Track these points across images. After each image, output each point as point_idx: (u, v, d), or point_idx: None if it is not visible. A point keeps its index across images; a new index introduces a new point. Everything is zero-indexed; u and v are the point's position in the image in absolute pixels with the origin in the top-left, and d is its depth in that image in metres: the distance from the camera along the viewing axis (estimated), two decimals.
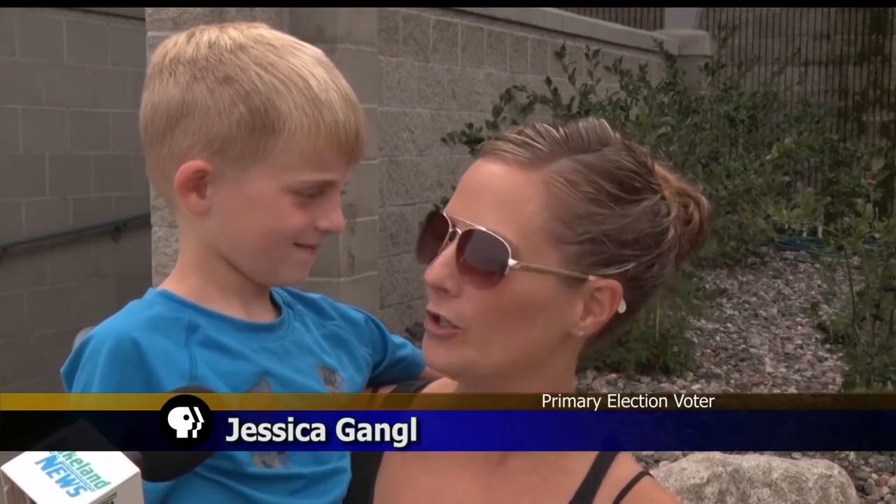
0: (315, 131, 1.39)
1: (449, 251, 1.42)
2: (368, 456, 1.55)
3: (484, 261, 1.40)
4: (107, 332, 1.36)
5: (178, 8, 4.84)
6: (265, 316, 1.48)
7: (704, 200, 1.54)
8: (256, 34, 1.43)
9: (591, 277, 1.42)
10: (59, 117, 8.44)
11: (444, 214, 1.44)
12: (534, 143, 1.43)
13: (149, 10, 4.95)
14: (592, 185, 1.41)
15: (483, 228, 1.40)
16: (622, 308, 1.45)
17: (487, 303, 1.41)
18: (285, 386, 1.43)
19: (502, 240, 1.39)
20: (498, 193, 1.41)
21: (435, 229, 1.45)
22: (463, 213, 1.43)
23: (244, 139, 1.38)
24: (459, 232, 1.42)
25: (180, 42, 1.43)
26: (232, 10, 4.87)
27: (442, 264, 1.42)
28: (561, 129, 1.45)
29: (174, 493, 1.35)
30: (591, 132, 1.45)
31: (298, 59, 1.41)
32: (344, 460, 1.50)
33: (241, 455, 1.37)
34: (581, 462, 1.51)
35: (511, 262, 1.39)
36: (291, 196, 1.40)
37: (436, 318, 1.45)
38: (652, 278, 1.47)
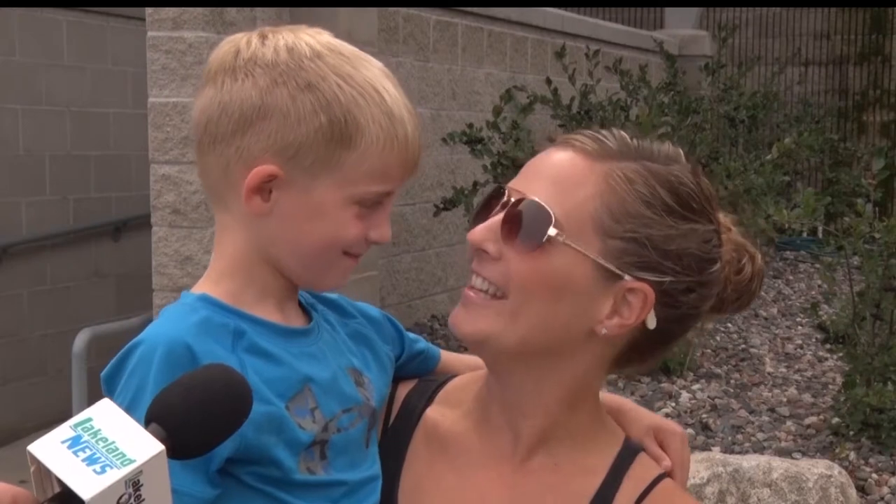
0: (389, 146, 1.40)
1: (497, 217, 1.46)
2: (393, 455, 1.57)
3: (527, 227, 1.42)
4: (157, 338, 1.35)
5: (178, 8, 4.84)
6: (299, 319, 1.48)
7: (760, 259, 1.57)
8: (326, 41, 1.43)
9: (627, 277, 1.44)
10: (59, 117, 8.44)
11: (502, 186, 1.48)
12: (605, 139, 1.47)
13: (149, 10, 4.94)
14: (650, 188, 1.44)
15: (533, 197, 1.43)
16: (651, 322, 1.46)
17: (525, 268, 1.43)
18: (326, 392, 1.43)
19: (549, 210, 1.42)
20: (557, 173, 1.45)
21: (492, 202, 1.48)
22: (520, 186, 1.47)
23: (320, 148, 1.38)
24: (512, 200, 1.45)
25: (255, 43, 1.41)
26: (232, 11, 4.87)
27: (486, 227, 1.46)
28: (635, 139, 1.49)
29: (220, 501, 1.35)
30: (663, 150, 1.50)
31: (370, 72, 1.42)
32: (376, 466, 1.51)
33: (288, 462, 1.37)
34: (602, 461, 1.52)
35: (551, 231, 1.41)
36: (354, 207, 1.40)
37: (475, 286, 1.47)
38: (688, 304, 1.48)
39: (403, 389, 1.62)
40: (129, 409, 1.30)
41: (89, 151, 8.70)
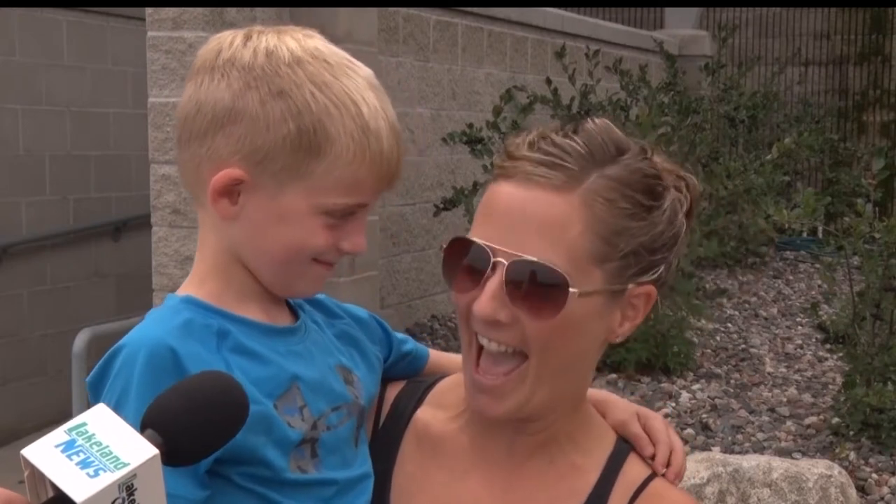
0: (359, 159, 1.38)
1: (495, 282, 1.40)
2: (384, 454, 1.56)
3: (541, 291, 1.39)
4: (140, 341, 1.35)
5: (178, 8, 4.84)
6: (284, 319, 1.48)
7: (692, 179, 1.55)
8: (313, 47, 1.41)
9: (630, 286, 1.44)
10: (59, 117, 8.44)
11: (480, 243, 1.42)
12: (563, 163, 1.41)
13: (149, 10, 4.94)
14: (628, 199, 1.42)
15: (534, 259, 1.39)
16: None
17: (544, 328, 1.41)
18: (314, 390, 1.43)
19: (559, 270, 1.38)
20: (539, 220, 1.40)
21: (466, 257, 1.43)
22: (502, 241, 1.41)
23: (287, 156, 1.36)
24: (505, 262, 1.40)
25: (237, 43, 1.41)
26: (232, 11, 4.87)
27: (491, 297, 1.41)
28: (579, 142, 1.43)
29: (210, 502, 1.34)
30: (606, 140, 1.44)
31: (352, 82, 1.40)
32: (368, 464, 1.51)
33: (278, 461, 1.37)
34: (595, 461, 1.53)
35: (572, 290, 1.39)
36: (322, 216, 1.39)
37: (491, 351, 1.44)
38: (670, 274, 1.51)
39: (393, 391, 1.62)
40: (115, 412, 1.30)
41: (89, 151, 8.70)
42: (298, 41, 1.41)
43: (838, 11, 12.77)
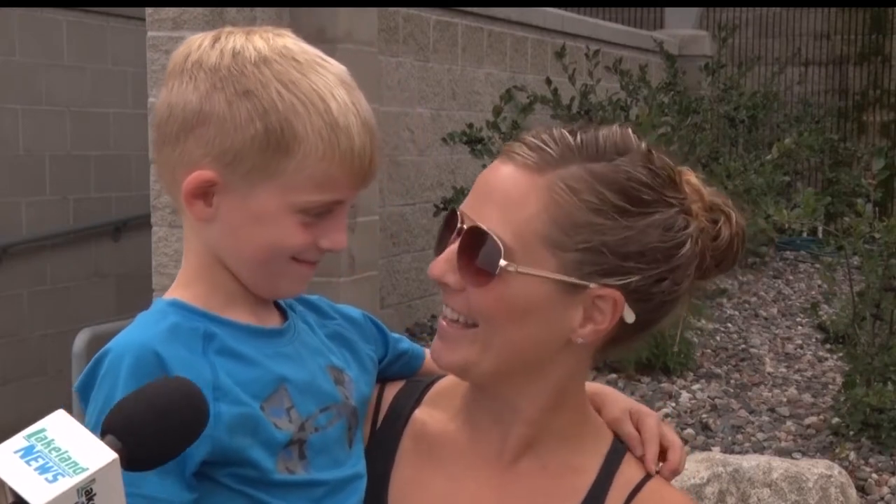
0: (329, 156, 1.37)
1: (453, 247, 1.44)
2: (381, 457, 1.56)
3: (479, 258, 1.41)
4: (125, 346, 1.35)
5: (178, 8, 4.84)
6: (273, 320, 1.47)
7: (737, 216, 1.52)
8: (281, 45, 1.40)
9: (592, 285, 1.41)
10: (59, 117, 8.44)
11: (457, 210, 1.46)
12: (545, 147, 1.42)
13: (149, 10, 4.95)
14: (596, 194, 1.40)
15: (482, 226, 1.41)
16: (629, 318, 1.44)
17: (485, 299, 1.42)
18: (302, 391, 1.42)
19: (497, 240, 1.40)
20: (501, 194, 1.42)
21: (450, 224, 1.47)
22: (470, 210, 1.44)
23: (256, 156, 1.36)
24: (465, 228, 1.43)
25: (205, 45, 1.40)
26: (232, 11, 4.87)
27: (444, 259, 1.44)
28: (578, 136, 1.43)
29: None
30: (609, 141, 1.43)
31: (321, 79, 1.39)
32: (360, 464, 1.50)
33: (265, 462, 1.37)
34: (591, 461, 1.52)
35: (502, 262, 1.40)
36: (297, 215, 1.39)
37: (447, 317, 1.46)
38: (663, 293, 1.45)
39: (391, 391, 1.62)
40: (100, 418, 1.27)
41: (89, 151, 8.70)
42: (267, 40, 1.40)
43: (838, 11, 12.77)
